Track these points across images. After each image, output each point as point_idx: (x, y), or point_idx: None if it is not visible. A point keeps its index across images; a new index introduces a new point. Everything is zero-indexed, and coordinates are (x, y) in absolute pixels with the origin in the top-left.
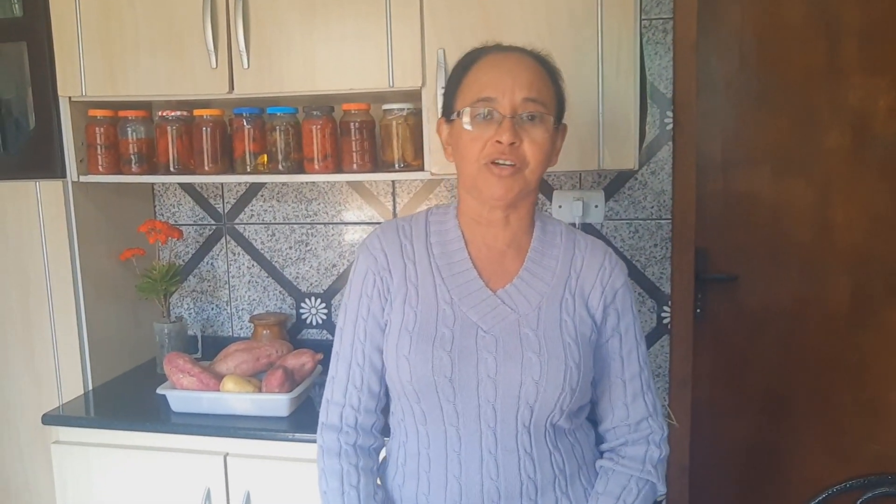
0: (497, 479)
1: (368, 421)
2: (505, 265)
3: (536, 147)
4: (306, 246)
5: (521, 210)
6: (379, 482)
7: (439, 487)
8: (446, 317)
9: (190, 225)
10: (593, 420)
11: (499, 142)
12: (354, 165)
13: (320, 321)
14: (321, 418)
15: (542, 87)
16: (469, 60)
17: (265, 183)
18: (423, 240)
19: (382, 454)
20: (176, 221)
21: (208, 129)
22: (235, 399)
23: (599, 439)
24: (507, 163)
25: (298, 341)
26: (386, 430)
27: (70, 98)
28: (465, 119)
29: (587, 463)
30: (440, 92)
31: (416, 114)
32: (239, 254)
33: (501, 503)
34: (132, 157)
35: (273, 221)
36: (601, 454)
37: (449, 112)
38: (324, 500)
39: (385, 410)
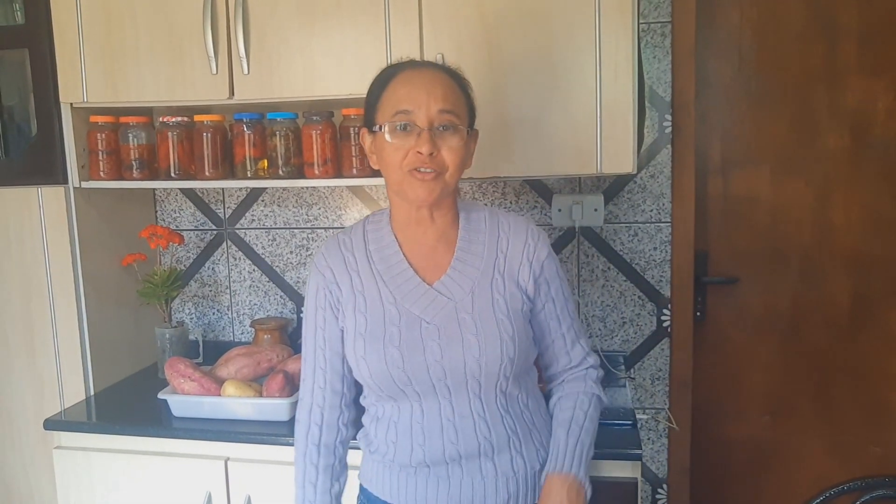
0: (457, 443)
1: (334, 415)
2: (437, 259)
3: (453, 153)
4: (307, 250)
5: (444, 207)
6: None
7: (405, 454)
8: (392, 316)
9: (191, 230)
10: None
11: (419, 152)
12: (354, 170)
13: None
14: (297, 414)
15: (455, 100)
16: (386, 77)
17: (266, 188)
18: (362, 249)
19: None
20: (177, 226)
21: (209, 135)
22: (236, 404)
23: (547, 380)
24: (429, 170)
25: (299, 346)
26: (354, 419)
27: (72, 104)
28: (387, 132)
29: (538, 427)
30: None
31: None
32: (240, 258)
33: (462, 462)
34: (133, 162)
35: (274, 226)
36: (550, 393)
37: (371, 123)
38: (294, 484)
39: (352, 402)
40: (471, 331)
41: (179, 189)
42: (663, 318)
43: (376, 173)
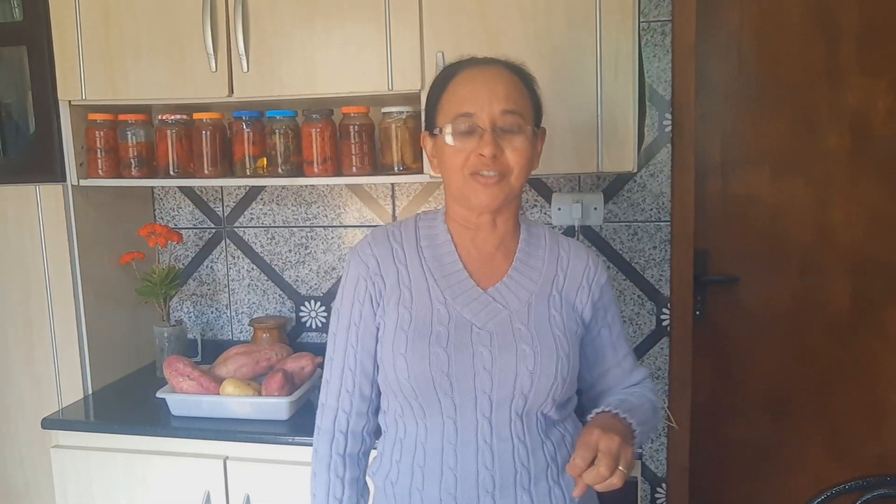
0: (492, 468)
1: (360, 424)
2: (494, 266)
3: (518, 154)
4: (306, 249)
5: (507, 213)
6: (369, 481)
7: (434, 480)
8: (441, 316)
9: (190, 228)
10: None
11: (481, 154)
12: (354, 168)
13: (320, 324)
14: (317, 421)
15: (519, 98)
16: (446, 76)
17: (265, 186)
18: (413, 244)
19: (374, 454)
20: (176, 225)
21: (208, 133)
22: (235, 402)
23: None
24: (492, 173)
25: (298, 344)
26: (378, 431)
27: (70, 102)
28: (448, 134)
29: None
30: None
31: (416, 116)
32: (238, 257)
33: (496, 492)
34: (132, 160)
35: (273, 225)
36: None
37: (431, 126)
38: (312, 500)
39: (375, 411)
40: (526, 341)
41: (178, 187)
42: (663, 317)
43: (376, 171)
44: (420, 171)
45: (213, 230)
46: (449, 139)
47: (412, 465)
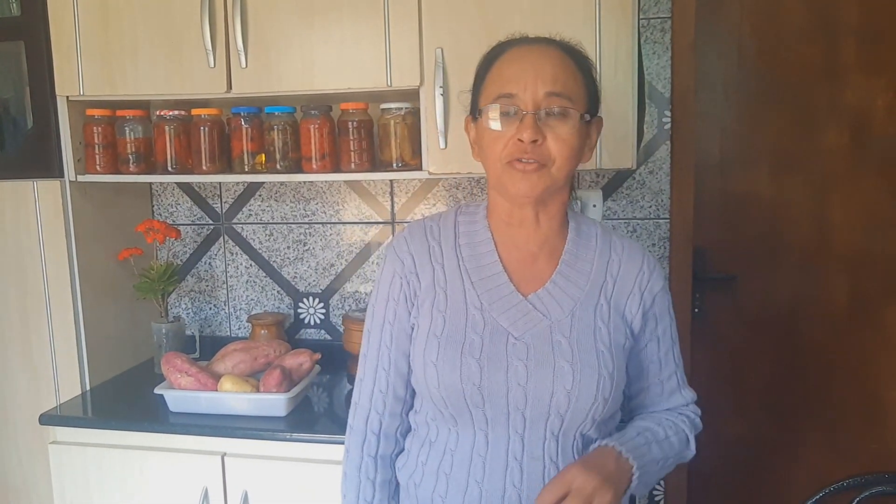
0: (520, 487)
1: (393, 425)
2: (537, 269)
3: (561, 143)
4: (304, 246)
5: (552, 209)
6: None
7: (458, 491)
8: (476, 323)
9: (188, 224)
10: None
11: (520, 140)
12: (352, 165)
13: (318, 321)
14: (349, 420)
15: (568, 80)
16: (493, 55)
17: (263, 182)
18: (451, 241)
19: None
20: (174, 221)
21: (206, 129)
22: (233, 399)
23: (632, 409)
24: (530, 161)
25: (296, 341)
26: (409, 430)
27: (68, 97)
28: (488, 117)
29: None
30: (438, 91)
31: (414, 113)
32: (237, 253)
33: None
34: (130, 156)
35: (271, 221)
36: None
37: (474, 110)
38: (342, 501)
39: (409, 411)
40: (566, 357)
41: (176, 183)
42: None
43: (375, 168)
44: (418, 168)
45: (212, 226)
46: (489, 122)
47: (437, 471)
